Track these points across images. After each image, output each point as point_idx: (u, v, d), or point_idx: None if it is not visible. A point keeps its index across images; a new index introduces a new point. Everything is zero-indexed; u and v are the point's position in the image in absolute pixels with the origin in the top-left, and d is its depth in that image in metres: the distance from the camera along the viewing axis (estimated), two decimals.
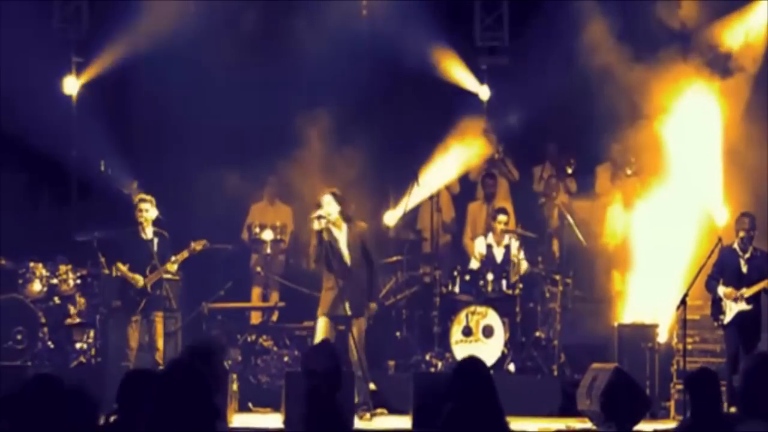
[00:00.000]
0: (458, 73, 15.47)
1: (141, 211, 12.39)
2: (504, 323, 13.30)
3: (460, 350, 13.13)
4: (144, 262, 12.30)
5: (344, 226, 11.86)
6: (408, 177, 13.58)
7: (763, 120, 13.17)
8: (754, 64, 13.73)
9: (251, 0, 15.15)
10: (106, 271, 12.83)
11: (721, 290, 11.90)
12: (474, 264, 14.04)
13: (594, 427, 10.79)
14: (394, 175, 14.21)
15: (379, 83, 14.78)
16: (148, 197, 12.57)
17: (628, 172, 14.21)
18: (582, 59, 13.67)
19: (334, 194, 11.88)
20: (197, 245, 12.54)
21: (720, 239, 12.02)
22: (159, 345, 12.34)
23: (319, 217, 11.67)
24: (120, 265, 12.34)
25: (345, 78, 13.98)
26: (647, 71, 13.30)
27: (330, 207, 11.77)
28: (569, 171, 15.22)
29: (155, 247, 12.31)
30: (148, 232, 12.42)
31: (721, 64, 13.49)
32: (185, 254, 12.47)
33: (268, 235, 14.32)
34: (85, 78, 15.23)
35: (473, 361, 6.16)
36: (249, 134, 14.52)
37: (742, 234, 11.87)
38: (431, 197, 14.18)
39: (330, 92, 14.00)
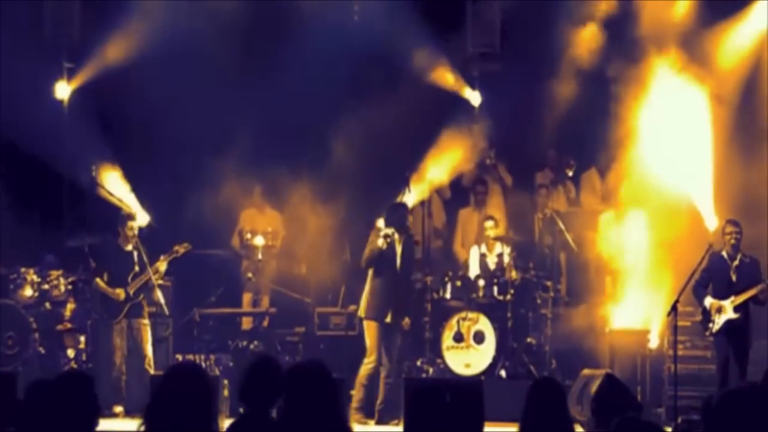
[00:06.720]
0: (450, 78, 15.47)
1: (131, 228, 12.49)
2: (495, 329, 13.29)
3: (452, 356, 13.14)
4: (126, 272, 12.46)
5: (402, 237, 12.07)
6: (399, 182, 13.57)
7: (751, 128, 13.22)
8: (745, 72, 13.78)
9: (243, 2, 15.13)
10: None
11: (707, 301, 11.92)
12: (474, 271, 13.98)
13: None
14: (385, 181, 14.20)
15: (370, 88, 14.76)
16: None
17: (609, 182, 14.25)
18: (573, 66, 13.69)
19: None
20: (180, 248, 12.60)
21: (710, 245, 12.02)
22: (147, 352, 12.37)
23: (386, 236, 11.86)
24: (99, 281, 12.44)
25: (336, 82, 13.98)
26: (638, 77, 13.32)
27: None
28: (570, 174, 15.24)
29: (135, 258, 12.45)
30: (130, 245, 12.55)
31: (711, 71, 13.52)
32: (168, 258, 12.53)
33: (259, 240, 14.31)
34: (76, 83, 15.21)
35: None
36: (240, 138, 14.50)
37: (732, 242, 11.87)
38: (422, 203, 14.16)
39: (321, 96, 13.99)
